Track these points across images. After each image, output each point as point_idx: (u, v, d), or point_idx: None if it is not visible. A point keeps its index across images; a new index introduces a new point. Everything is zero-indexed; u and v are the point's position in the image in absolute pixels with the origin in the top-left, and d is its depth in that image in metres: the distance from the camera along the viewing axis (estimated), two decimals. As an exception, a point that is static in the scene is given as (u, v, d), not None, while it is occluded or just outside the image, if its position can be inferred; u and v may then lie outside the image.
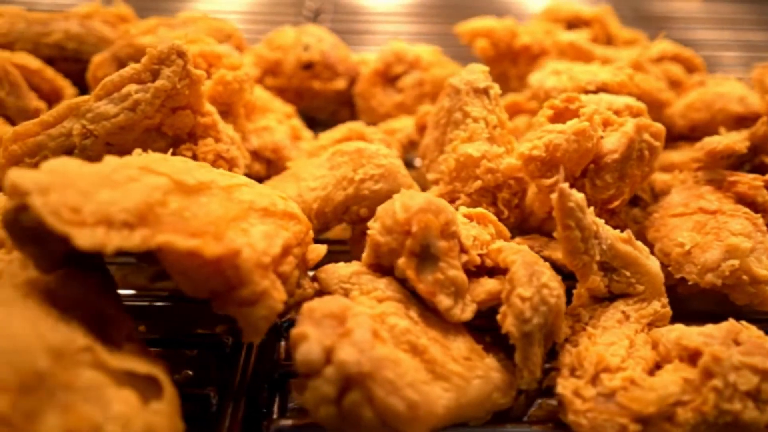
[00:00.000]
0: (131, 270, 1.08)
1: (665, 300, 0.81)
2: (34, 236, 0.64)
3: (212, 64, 1.04)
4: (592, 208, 0.76)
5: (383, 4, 2.37)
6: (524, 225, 0.97)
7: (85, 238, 0.60)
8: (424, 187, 1.01)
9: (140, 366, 0.64)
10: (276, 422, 0.75)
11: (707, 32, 2.20)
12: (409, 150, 1.18)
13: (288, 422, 0.74)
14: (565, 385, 0.71)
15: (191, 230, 0.66)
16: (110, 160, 0.70)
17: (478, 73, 0.96)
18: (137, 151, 0.77)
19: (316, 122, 1.38)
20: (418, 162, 1.16)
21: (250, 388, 0.79)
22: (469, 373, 0.71)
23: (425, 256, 0.74)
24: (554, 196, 0.73)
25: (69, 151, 0.88)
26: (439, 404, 0.67)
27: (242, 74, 1.01)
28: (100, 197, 0.64)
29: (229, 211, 0.71)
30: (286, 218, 0.76)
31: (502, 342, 0.77)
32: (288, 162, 1.08)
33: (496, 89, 0.96)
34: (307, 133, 1.20)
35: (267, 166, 1.10)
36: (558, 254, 0.88)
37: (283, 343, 0.87)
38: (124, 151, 0.90)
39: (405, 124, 1.20)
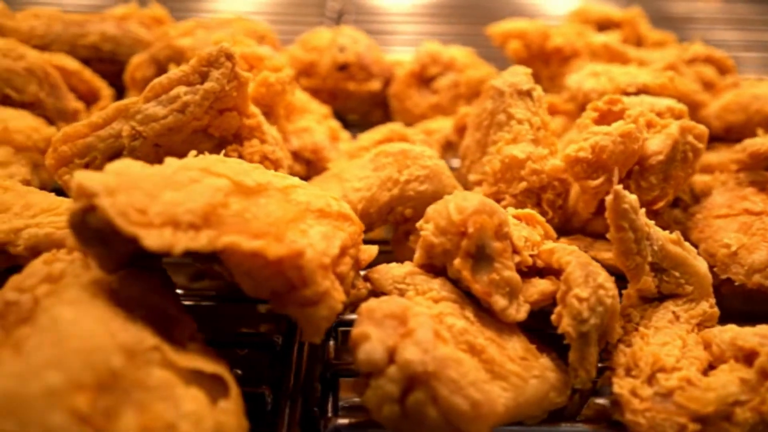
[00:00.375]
0: (170, 270, 1.09)
1: (713, 300, 0.82)
2: (100, 237, 0.65)
3: (253, 65, 1.05)
4: (643, 210, 0.77)
5: (404, 4, 2.38)
6: (567, 226, 0.97)
7: (153, 239, 0.61)
8: (464, 188, 1.01)
9: (206, 365, 0.65)
10: (333, 420, 0.75)
11: (728, 33, 2.20)
12: (446, 150, 1.18)
13: (345, 421, 0.75)
14: (621, 385, 0.72)
15: (253, 231, 0.67)
16: (171, 162, 0.71)
17: (521, 75, 0.96)
18: (192, 152, 0.78)
19: (348, 123, 1.39)
20: (454, 162, 1.16)
21: (304, 388, 0.80)
22: (526, 372, 0.72)
23: (480, 257, 0.74)
24: (609, 197, 0.74)
25: (118, 153, 0.89)
26: (499, 403, 0.68)
27: (285, 76, 1.02)
28: (164, 198, 0.64)
29: (287, 213, 0.72)
30: (340, 219, 0.77)
31: (547, 341, 0.78)
32: (329, 163, 1.09)
33: (539, 91, 0.96)
34: (344, 134, 1.21)
35: (306, 166, 1.11)
36: (603, 255, 0.89)
37: (332, 343, 0.87)
38: (171, 152, 0.91)
39: (442, 125, 1.21)
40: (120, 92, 1.30)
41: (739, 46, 2.09)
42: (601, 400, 0.86)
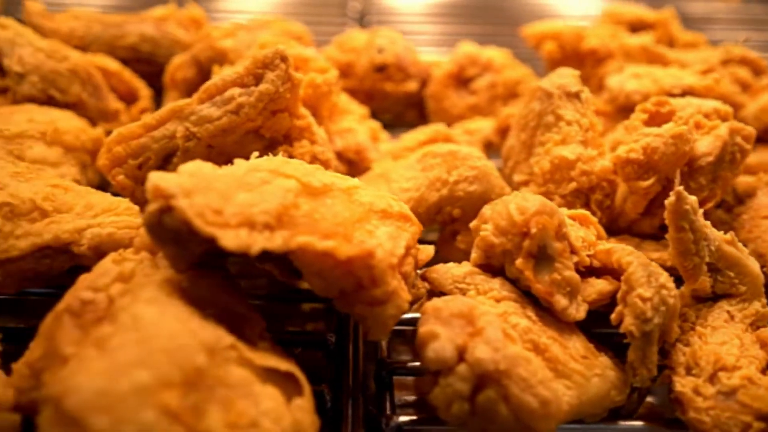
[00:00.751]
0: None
1: (764, 300, 0.83)
2: (175, 237, 0.66)
3: (299, 67, 1.06)
4: (701, 210, 0.78)
5: (423, 4, 2.39)
6: (612, 226, 0.98)
7: (230, 240, 0.62)
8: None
9: (280, 363, 0.66)
10: (394, 418, 0.76)
11: (747, 34, 2.20)
12: (486, 151, 1.19)
13: (406, 418, 0.76)
14: (683, 384, 0.73)
15: (323, 232, 0.68)
16: (240, 163, 0.72)
17: (569, 77, 0.97)
18: (255, 153, 0.79)
19: (383, 124, 1.39)
20: (495, 163, 1.17)
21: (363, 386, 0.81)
22: (588, 371, 0.73)
23: (542, 257, 0.75)
24: (670, 199, 0.75)
25: (172, 153, 0.90)
26: (564, 401, 0.69)
27: (331, 77, 1.03)
28: (238, 199, 0.65)
29: (353, 213, 0.73)
30: (402, 219, 0.78)
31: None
32: (371, 163, 1.10)
33: (586, 93, 0.97)
34: (384, 135, 1.22)
35: (348, 167, 1.12)
36: (652, 255, 0.90)
37: (384, 342, 0.88)
38: (223, 152, 0.92)
39: (481, 126, 1.22)
40: (157, 93, 1.31)
41: (758, 46, 2.09)
42: (649, 398, 0.87)
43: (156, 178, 0.64)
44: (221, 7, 2.25)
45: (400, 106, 1.42)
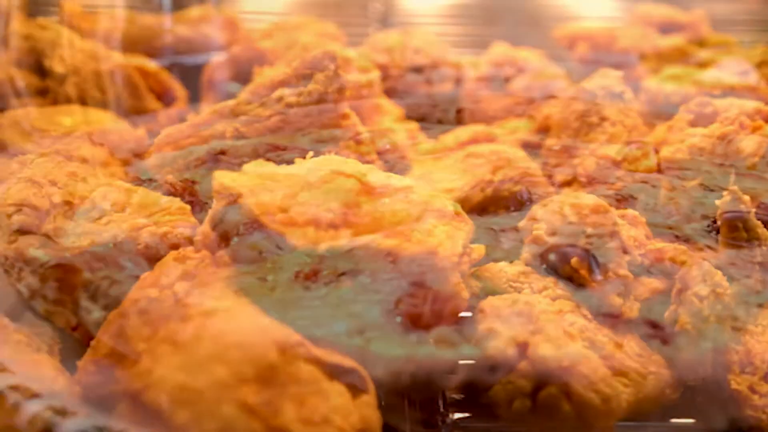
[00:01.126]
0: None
1: (813, 300, 0.83)
2: (240, 235, 0.67)
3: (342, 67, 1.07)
4: (753, 210, 0.79)
5: (444, 5, 2.39)
6: (656, 226, 0.99)
7: (298, 238, 0.63)
8: (548, 189, 1.02)
9: (344, 360, 0.67)
10: (451, 415, 0.77)
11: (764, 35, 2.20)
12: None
13: (461, 415, 0.77)
14: (738, 382, 0.73)
15: (385, 230, 0.69)
16: (301, 163, 0.73)
17: (613, 78, 0.98)
18: (310, 153, 0.79)
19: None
20: (534, 164, 1.18)
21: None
22: (643, 369, 0.73)
23: (596, 256, 0.76)
24: (724, 198, 0.76)
25: (221, 152, 0.92)
26: (623, 399, 0.70)
27: (374, 77, 1.04)
28: (302, 198, 0.67)
29: (411, 212, 0.74)
30: (456, 219, 0.79)
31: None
32: (410, 163, 1.11)
33: (629, 93, 0.98)
34: (421, 135, 1.23)
35: (387, 167, 1.12)
36: (698, 254, 0.91)
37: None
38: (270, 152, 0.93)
39: (518, 126, 1.22)
40: (193, 93, 1.32)
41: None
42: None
43: (222, 177, 0.65)
44: (242, 8, 2.26)
45: (433, 106, 1.43)
